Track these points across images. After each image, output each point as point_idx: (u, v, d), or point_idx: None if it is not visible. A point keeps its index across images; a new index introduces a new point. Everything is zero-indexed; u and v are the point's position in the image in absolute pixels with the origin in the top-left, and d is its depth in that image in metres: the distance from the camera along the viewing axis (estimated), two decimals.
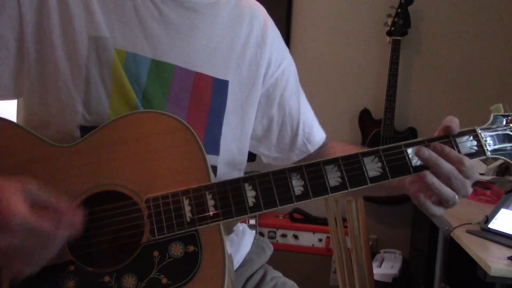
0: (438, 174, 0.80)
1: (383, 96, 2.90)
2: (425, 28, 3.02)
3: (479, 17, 2.97)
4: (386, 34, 2.93)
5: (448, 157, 0.80)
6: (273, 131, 1.09)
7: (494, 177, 2.15)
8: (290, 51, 1.16)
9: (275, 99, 1.07)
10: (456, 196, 0.81)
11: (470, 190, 0.82)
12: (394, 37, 2.87)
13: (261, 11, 1.07)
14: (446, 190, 0.80)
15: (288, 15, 3.11)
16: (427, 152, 0.80)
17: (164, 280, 0.76)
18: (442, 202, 0.81)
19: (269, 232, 2.90)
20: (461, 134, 0.84)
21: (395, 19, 2.88)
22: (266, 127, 1.09)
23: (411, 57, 3.04)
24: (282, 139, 1.10)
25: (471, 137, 0.85)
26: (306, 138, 1.12)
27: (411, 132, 2.94)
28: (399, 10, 2.88)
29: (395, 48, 2.86)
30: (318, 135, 1.15)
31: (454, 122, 0.84)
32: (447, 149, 0.81)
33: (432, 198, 0.83)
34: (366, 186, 0.81)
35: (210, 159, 0.94)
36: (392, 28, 2.88)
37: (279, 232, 2.89)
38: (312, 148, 1.13)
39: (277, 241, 2.88)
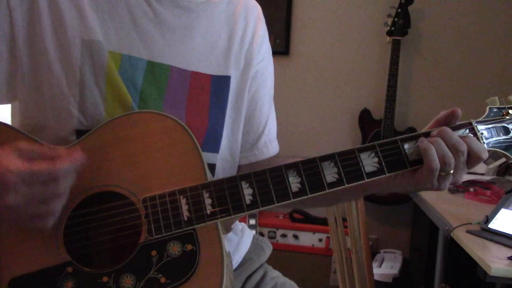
0: (448, 143, 0.80)
1: (383, 96, 2.90)
2: (425, 28, 3.02)
3: (479, 17, 2.97)
4: (386, 34, 2.93)
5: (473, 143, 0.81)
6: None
7: (494, 177, 2.15)
8: (290, 52, 1.15)
9: (250, 91, 1.03)
10: (452, 171, 0.80)
11: (462, 179, 0.82)
12: (394, 37, 2.87)
13: (255, 6, 1.07)
14: (446, 148, 0.79)
15: (288, 15, 3.11)
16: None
17: (163, 280, 0.75)
18: (443, 165, 0.79)
19: (269, 232, 2.90)
20: (457, 127, 0.84)
21: (395, 19, 2.88)
22: None
23: (411, 57, 3.04)
24: (245, 135, 1.05)
25: (467, 130, 0.84)
26: (269, 140, 1.08)
27: (411, 132, 2.93)
28: (399, 10, 2.88)
29: (395, 48, 2.86)
30: (276, 144, 1.11)
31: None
32: (473, 138, 0.82)
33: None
34: (363, 181, 0.80)
35: (210, 157, 0.94)
36: (392, 28, 2.88)
37: (279, 232, 2.89)
38: (272, 152, 1.09)
39: (277, 241, 2.88)
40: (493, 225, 1.56)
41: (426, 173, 0.80)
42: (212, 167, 0.96)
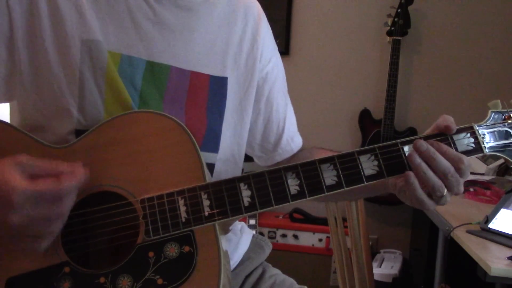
0: (435, 170, 0.78)
1: (383, 96, 2.89)
2: (425, 28, 3.02)
3: (479, 17, 2.97)
4: (386, 34, 2.93)
5: (445, 155, 0.79)
6: (258, 128, 1.07)
7: (494, 177, 2.14)
8: (290, 52, 1.15)
9: (264, 93, 1.05)
10: (446, 190, 0.79)
11: (462, 188, 0.81)
12: (394, 37, 2.86)
13: (255, 5, 1.06)
14: (433, 176, 0.78)
15: (288, 15, 3.11)
16: (425, 145, 0.79)
17: (160, 281, 0.75)
18: (430, 191, 0.79)
19: (269, 232, 2.89)
20: (458, 131, 0.83)
21: (395, 19, 2.88)
22: (252, 122, 1.06)
23: (411, 57, 3.04)
24: (267, 137, 1.08)
25: (468, 134, 0.83)
26: (290, 137, 1.10)
27: (411, 132, 2.94)
28: (399, 10, 2.87)
29: (395, 48, 2.85)
30: (298, 138, 1.13)
31: (451, 121, 0.82)
32: (444, 147, 0.80)
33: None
34: (362, 184, 0.80)
35: (209, 156, 0.94)
36: (392, 28, 2.88)
37: (279, 232, 2.89)
38: (295, 148, 1.11)
39: (277, 241, 2.88)
40: (493, 225, 1.56)
41: (410, 198, 0.81)
42: (211, 167, 0.95)
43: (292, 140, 1.11)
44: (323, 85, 3.14)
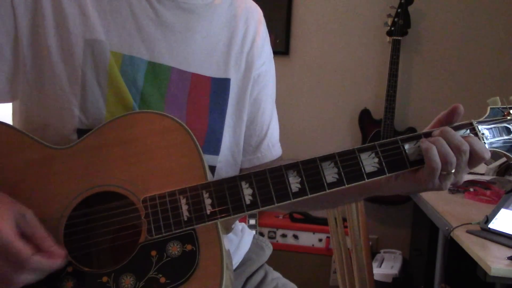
0: (450, 143, 0.79)
1: (383, 96, 2.90)
2: (425, 28, 3.02)
3: (479, 17, 2.97)
4: (386, 34, 2.93)
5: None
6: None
7: (494, 177, 2.15)
8: (290, 52, 1.15)
9: (253, 94, 1.04)
10: (454, 170, 0.79)
11: (464, 177, 0.82)
12: (394, 37, 2.87)
13: (256, 10, 1.07)
14: (448, 149, 0.78)
15: (288, 15, 3.11)
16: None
17: (162, 280, 0.75)
18: (443, 165, 0.79)
19: (269, 232, 2.90)
20: (458, 127, 0.83)
21: (395, 19, 2.88)
22: None
23: (411, 57, 3.04)
24: (248, 139, 1.06)
25: (468, 131, 0.83)
26: (271, 143, 1.08)
27: (411, 132, 2.93)
28: (399, 10, 2.88)
29: (395, 48, 2.86)
30: (279, 147, 1.11)
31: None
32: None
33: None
34: (363, 181, 0.80)
35: (210, 159, 0.94)
36: (392, 28, 2.88)
37: (279, 232, 2.89)
38: (275, 154, 1.09)
39: (277, 241, 2.88)
40: (493, 225, 1.56)
41: (427, 173, 0.80)
42: (212, 169, 0.96)
43: (272, 147, 1.08)
44: (323, 85, 3.14)
